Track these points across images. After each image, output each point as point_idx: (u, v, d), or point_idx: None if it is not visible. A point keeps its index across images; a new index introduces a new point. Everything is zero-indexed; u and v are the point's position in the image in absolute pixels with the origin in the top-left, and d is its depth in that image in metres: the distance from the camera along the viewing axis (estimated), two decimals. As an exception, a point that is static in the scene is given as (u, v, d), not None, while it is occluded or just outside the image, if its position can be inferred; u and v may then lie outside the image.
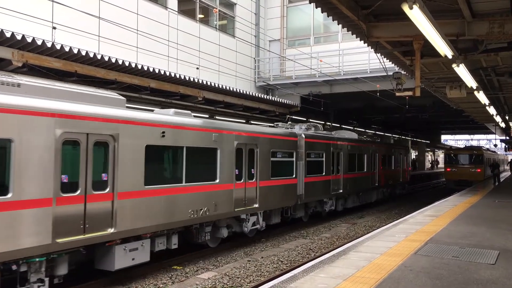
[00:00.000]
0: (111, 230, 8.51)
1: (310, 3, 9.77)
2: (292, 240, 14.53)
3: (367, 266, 7.29)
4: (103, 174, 8.46)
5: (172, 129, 10.14)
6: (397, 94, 11.96)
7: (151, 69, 13.33)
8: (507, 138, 43.59)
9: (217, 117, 17.65)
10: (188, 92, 15.68)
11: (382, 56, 13.65)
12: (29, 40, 10.06)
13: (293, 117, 23.27)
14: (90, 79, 12.46)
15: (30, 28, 13.08)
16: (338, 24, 11.31)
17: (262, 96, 19.92)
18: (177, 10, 19.60)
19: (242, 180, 12.49)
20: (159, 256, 11.12)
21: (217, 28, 22.54)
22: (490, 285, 6.28)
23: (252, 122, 19.82)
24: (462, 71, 12.03)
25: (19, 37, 9.85)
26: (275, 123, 16.53)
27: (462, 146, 54.68)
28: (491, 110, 21.88)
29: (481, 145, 53.32)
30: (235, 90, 17.53)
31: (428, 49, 11.10)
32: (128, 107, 10.01)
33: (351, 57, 22.62)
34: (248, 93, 18.55)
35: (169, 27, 19.04)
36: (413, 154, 64.63)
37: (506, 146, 44.62)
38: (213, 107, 18.09)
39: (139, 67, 12.96)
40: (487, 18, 10.16)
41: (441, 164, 75.52)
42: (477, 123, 36.86)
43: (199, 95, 16.22)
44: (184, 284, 9.47)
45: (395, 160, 27.28)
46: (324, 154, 17.50)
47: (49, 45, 10.52)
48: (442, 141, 76.72)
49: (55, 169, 7.56)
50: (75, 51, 11.03)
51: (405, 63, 14.29)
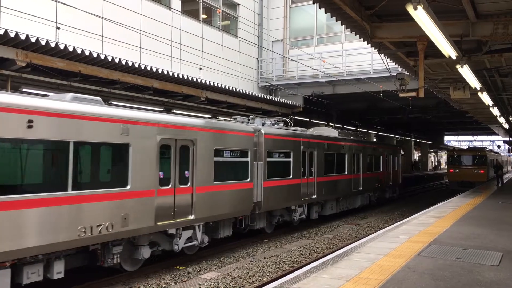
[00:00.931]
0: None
1: (314, 4, 9.75)
2: (295, 241, 14.51)
3: (370, 267, 7.27)
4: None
5: (50, 118, 7.58)
6: (401, 95, 11.93)
7: (154, 69, 13.34)
8: (511, 139, 43.46)
9: (220, 117, 17.43)
10: (191, 92, 15.69)
11: (386, 57, 13.62)
12: (33, 40, 10.09)
13: (296, 118, 23.26)
14: (94, 79, 12.48)
15: (34, 28, 13.12)
16: (342, 25, 11.28)
17: (265, 97, 19.92)
18: (180, 11, 19.62)
19: (170, 186, 9.93)
20: (162, 256, 11.13)
21: (220, 29, 22.55)
22: (494, 287, 6.25)
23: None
24: (466, 72, 11.99)
25: (23, 37, 9.87)
26: (233, 117, 14.07)
27: (465, 147, 54.57)
28: (495, 111, 21.81)
29: (484, 146, 53.16)
30: (238, 91, 17.54)
31: (432, 50, 11.07)
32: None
33: (354, 58, 22.59)
34: (251, 94, 18.56)
35: (172, 27, 19.06)
36: (416, 155, 64.53)
37: (510, 147, 44.50)
38: (216, 108, 18.10)
39: (142, 67, 12.98)
40: (491, 19, 10.13)
41: (444, 165, 75.39)
42: (481, 124, 36.80)
43: (202, 95, 16.23)
44: (187, 284, 9.47)
45: (384, 161, 24.52)
46: (292, 154, 14.90)
47: (53, 45, 10.54)
48: (445, 142, 76.57)
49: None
50: (79, 51, 11.05)
51: (409, 64, 14.26)
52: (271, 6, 26.66)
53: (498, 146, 52.77)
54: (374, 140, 24.16)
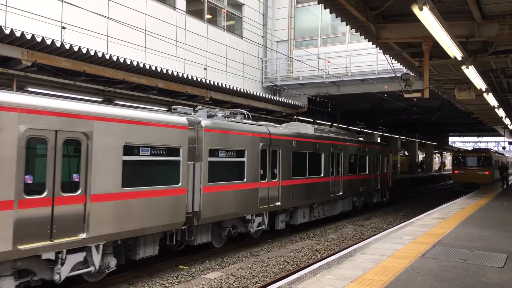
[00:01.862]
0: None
1: (319, 4, 9.74)
2: (298, 241, 14.50)
3: (374, 268, 7.25)
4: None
5: None
6: (406, 96, 11.89)
7: (159, 69, 13.37)
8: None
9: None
10: (195, 92, 15.71)
11: (391, 57, 13.58)
12: (39, 40, 10.13)
13: (300, 118, 23.25)
14: (99, 79, 12.52)
15: (40, 28, 13.18)
16: (347, 25, 11.26)
17: (269, 97, 19.92)
18: (185, 11, 19.64)
19: (45, 194, 7.39)
20: (166, 256, 11.15)
21: (225, 29, 22.56)
22: (499, 289, 6.22)
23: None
24: (472, 73, 11.95)
25: (29, 37, 9.91)
26: (172, 107, 11.78)
27: (470, 148, 54.33)
28: (500, 112, 21.72)
29: (489, 148, 52.91)
30: (242, 91, 17.54)
31: (437, 51, 11.04)
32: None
33: (359, 58, 22.54)
34: (255, 94, 18.56)
35: (177, 27, 19.09)
36: (420, 156, 64.32)
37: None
38: (220, 108, 18.10)
39: (147, 67, 13.00)
40: (497, 20, 10.08)
41: (449, 166, 75.09)
42: (486, 125, 36.65)
43: (206, 95, 16.25)
44: (190, 284, 9.48)
45: (371, 162, 21.83)
46: (247, 153, 12.46)
47: (58, 45, 10.58)
48: (450, 143, 76.27)
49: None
50: (84, 51, 11.09)
51: (414, 65, 14.22)
52: (276, 7, 26.65)
53: (503, 148, 52.47)
54: (360, 139, 21.34)
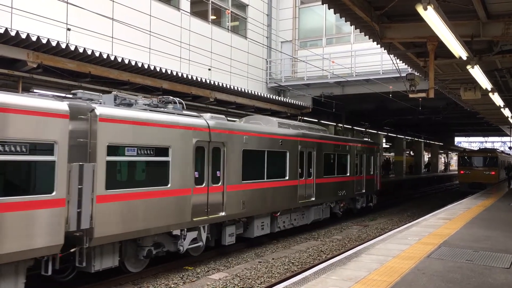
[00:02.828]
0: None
1: (323, 4, 9.73)
2: (303, 242, 14.48)
3: (379, 269, 7.23)
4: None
5: None
6: (411, 96, 11.85)
7: (164, 70, 13.41)
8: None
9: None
10: (200, 93, 15.74)
11: (395, 58, 13.55)
12: (44, 42, 10.19)
13: (305, 118, 23.22)
14: (104, 80, 12.57)
15: (45, 30, 13.25)
16: (351, 25, 11.25)
17: (274, 97, 19.91)
18: (190, 12, 19.68)
19: None
20: (170, 256, 11.17)
21: (229, 29, 22.59)
22: (505, 290, 6.18)
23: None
24: (477, 73, 11.89)
25: (34, 39, 9.97)
26: (72, 91, 9.34)
27: (476, 149, 54.05)
28: (506, 112, 21.59)
29: (496, 148, 52.63)
30: (247, 91, 17.56)
31: (442, 50, 10.99)
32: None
33: (364, 58, 22.49)
34: (260, 94, 18.57)
35: (182, 29, 19.13)
36: (426, 156, 64.08)
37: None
38: (225, 108, 18.13)
39: (152, 68, 13.05)
40: (503, 19, 10.02)
41: (454, 167, 74.75)
42: (492, 125, 36.46)
43: (211, 96, 16.27)
44: (195, 285, 9.49)
45: (354, 163, 19.15)
46: (173, 151, 9.73)
47: (64, 46, 10.64)
48: (456, 143, 75.93)
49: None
50: (89, 52, 11.14)
51: (419, 65, 14.17)
52: (280, 7, 26.64)
53: (510, 148, 52.17)
54: (338, 136, 19.51)
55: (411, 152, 54.91)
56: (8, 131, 6.90)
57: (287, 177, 14.12)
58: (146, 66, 12.82)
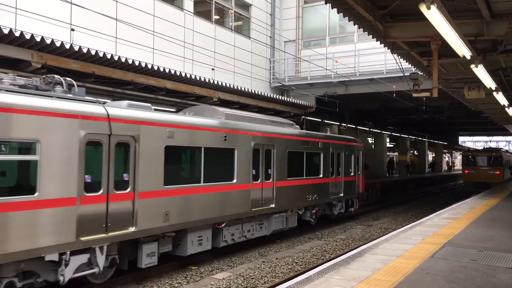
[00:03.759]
0: None
1: (326, 4, 9.73)
2: (307, 242, 14.48)
3: (383, 269, 7.23)
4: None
5: None
6: (414, 95, 11.83)
7: (167, 70, 13.43)
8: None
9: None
10: (204, 93, 15.75)
11: (399, 57, 13.52)
12: (48, 42, 10.23)
13: (308, 118, 23.21)
14: (107, 80, 12.61)
15: (49, 30, 13.30)
16: (354, 25, 11.24)
17: (277, 97, 19.91)
18: (193, 12, 19.71)
19: None
20: (173, 256, 11.18)
21: (233, 29, 22.60)
22: (509, 290, 6.17)
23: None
24: (481, 72, 11.85)
25: (39, 39, 10.02)
26: None
27: (480, 148, 53.86)
28: (510, 112, 21.51)
29: (500, 147, 52.45)
30: (250, 91, 17.56)
31: (446, 50, 10.96)
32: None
33: (367, 58, 22.46)
34: (263, 94, 18.57)
35: (185, 28, 19.16)
36: (430, 156, 63.92)
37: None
38: (228, 108, 18.14)
39: (155, 68, 13.07)
40: (507, 18, 9.99)
41: (458, 166, 74.53)
42: (496, 125, 36.31)
43: (214, 96, 16.29)
44: (199, 284, 9.51)
45: (329, 162, 16.44)
46: (43, 147, 7.32)
47: (68, 47, 10.67)
48: (460, 143, 75.69)
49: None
50: (93, 53, 11.17)
51: (422, 64, 14.14)
52: (284, 7, 26.64)
53: (514, 147, 51.97)
54: (308, 131, 16.67)
55: (415, 152, 54.79)
56: None
57: (235, 180, 11.53)
58: (150, 66, 12.84)
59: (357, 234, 16.01)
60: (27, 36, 9.84)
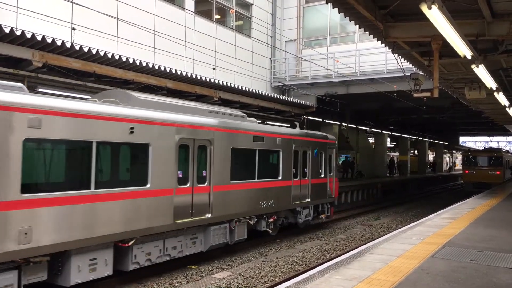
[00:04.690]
0: None
1: (327, 3, 9.73)
2: (307, 241, 14.48)
3: (383, 269, 7.23)
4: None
5: None
6: (415, 95, 11.82)
7: (168, 70, 13.43)
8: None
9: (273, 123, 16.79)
10: (204, 92, 15.75)
11: (400, 57, 13.52)
12: (49, 41, 10.23)
13: (309, 118, 23.21)
14: (108, 79, 12.61)
15: (50, 29, 13.31)
16: (355, 25, 11.23)
17: (278, 97, 19.90)
18: (194, 11, 19.71)
19: None
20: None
21: (234, 29, 22.60)
22: (510, 290, 6.17)
23: (268, 123, 19.72)
24: (482, 72, 11.85)
25: (39, 38, 10.02)
26: None
27: (481, 148, 53.84)
28: (511, 112, 21.49)
29: (501, 147, 52.41)
30: (251, 91, 17.55)
31: (447, 50, 10.95)
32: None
33: (368, 58, 22.46)
34: (264, 94, 18.56)
35: (186, 28, 19.17)
36: (430, 156, 63.90)
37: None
38: (229, 107, 18.15)
39: (156, 68, 13.07)
40: (508, 18, 9.98)
41: (459, 166, 74.50)
42: (497, 125, 36.30)
43: (215, 95, 16.29)
44: (199, 284, 9.52)
45: (289, 163, 13.82)
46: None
47: (69, 46, 10.67)
48: (461, 143, 75.66)
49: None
50: (94, 52, 11.17)
51: (423, 64, 14.13)
52: (285, 6, 26.64)
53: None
54: (263, 124, 14.97)
55: (416, 152, 54.77)
56: None
57: (149, 185, 9.10)
58: (151, 66, 12.85)
59: (357, 234, 16.01)
60: (28, 35, 9.84)
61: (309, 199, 15.00)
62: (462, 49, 9.43)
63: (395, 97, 21.97)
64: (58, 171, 7.74)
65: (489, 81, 13.18)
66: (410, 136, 45.80)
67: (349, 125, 30.31)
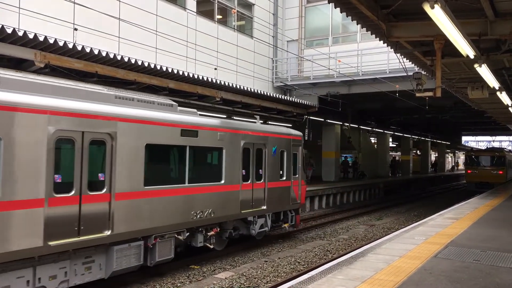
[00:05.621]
0: None
1: (329, 3, 9.72)
2: (309, 241, 14.47)
3: (386, 269, 7.21)
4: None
5: None
6: (417, 95, 11.80)
7: (170, 70, 13.44)
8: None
9: (235, 118, 17.29)
10: (206, 93, 15.75)
11: (402, 56, 13.50)
12: (51, 41, 10.24)
13: (311, 118, 23.19)
14: (110, 80, 12.62)
15: (52, 30, 13.34)
16: (357, 24, 11.22)
17: (280, 97, 19.89)
18: (196, 11, 19.72)
19: None
20: (177, 256, 11.19)
21: (235, 29, 22.60)
22: (513, 290, 6.15)
23: (270, 123, 19.71)
24: (484, 72, 11.82)
25: (42, 38, 10.03)
26: None
27: (484, 148, 53.75)
28: (514, 111, 21.45)
29: (503, 147, 52.29)
30: (253, 91, 17.55)
31: (450, 49, 10.94)
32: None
33: (370, 57, 22.44)
34: (266, 94, 18.55)
35: (188, 28, 19.18)
36: (433, 155, 63.79)
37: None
38: (231, 108, 18.14)
39: (158, 68, 13.08)
40: (511, 18, 9.96)
41: (461, 166, 74.41)
42: (499, 124, 36.24)
43: (217, 96, 16.28)
44: (202, 284, 9.52)
45: (237, 163, 11.31)
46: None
47: (71, 46, 10.69)
48: (463, 143, 75.54)
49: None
50: (96, 52, 11.18)
51: (426, 63, 14.11)
52: (286, 6, 26.64)
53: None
54: (203, 114, 12.13)
55: (418, 152, 54.70)
56: None
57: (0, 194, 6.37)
58: (153, 66, 12.85)
59: (360, 234, 15.99)
60: (30, 36, 9.86)
61: (265, 206, 12.41)
62: (465, 49, 9.41)
63: (397, 97, 21.94)
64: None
65: (492, 81, 13.15)
66: (412, 136, 45.75)
67: (351, 125, 30.29)
